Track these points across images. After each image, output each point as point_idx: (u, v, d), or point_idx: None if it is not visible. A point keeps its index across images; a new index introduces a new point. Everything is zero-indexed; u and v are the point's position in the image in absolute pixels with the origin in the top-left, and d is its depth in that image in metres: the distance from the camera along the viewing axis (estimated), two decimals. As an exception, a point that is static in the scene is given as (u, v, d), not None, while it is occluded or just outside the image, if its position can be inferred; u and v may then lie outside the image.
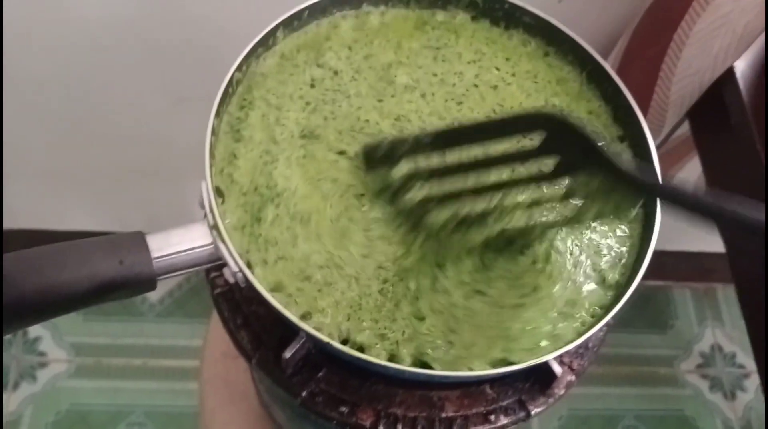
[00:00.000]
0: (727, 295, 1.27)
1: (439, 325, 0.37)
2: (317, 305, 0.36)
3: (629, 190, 0.35)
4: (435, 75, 0.44)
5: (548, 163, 0.37)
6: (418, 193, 0.37)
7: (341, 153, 0.41)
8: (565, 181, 0.37)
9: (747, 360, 1.22)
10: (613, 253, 0.40)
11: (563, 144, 0.35)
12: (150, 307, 1.15)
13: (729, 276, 0.63)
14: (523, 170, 0.38)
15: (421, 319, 0.37)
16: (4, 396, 1.05)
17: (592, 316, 0.38)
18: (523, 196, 0.37)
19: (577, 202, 0.38)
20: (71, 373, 1.09)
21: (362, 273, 0.38)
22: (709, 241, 0.95)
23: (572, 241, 0.40)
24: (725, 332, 1.25)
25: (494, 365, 0.36)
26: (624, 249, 0.40)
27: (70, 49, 0.75)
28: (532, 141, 0.37)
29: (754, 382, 1.20)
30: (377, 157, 0.37)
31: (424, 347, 0.36)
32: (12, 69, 0.76)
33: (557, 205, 0.38)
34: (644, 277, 0.37)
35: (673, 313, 1.26)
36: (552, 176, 0.37)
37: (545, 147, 0.36)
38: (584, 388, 1.16)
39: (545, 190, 0.38)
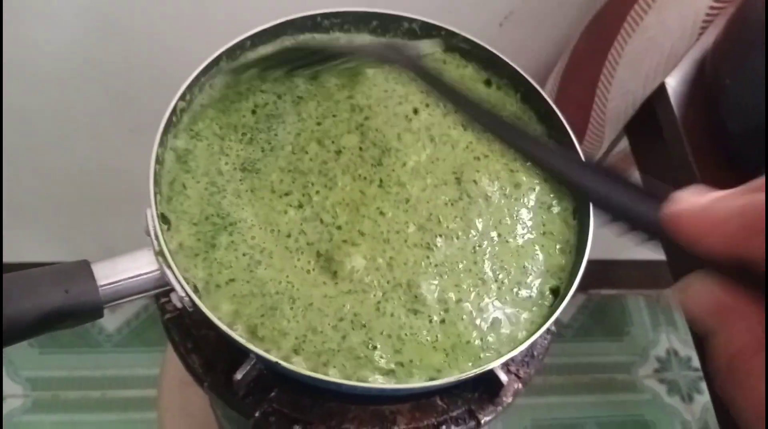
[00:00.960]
0: (678, 300, 1.31)
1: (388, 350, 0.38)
2: (258, 332, 0.37)
3: None
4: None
5: None
6: None
7: (287, 194, 0.42)
8: None
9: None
10: (549, 263, 0.42)
11: None
12: (107, 338, 1.13)
13: (678, 282, 0.66)
14: None
15: (373, 348, 0.38)
16: (-43, 436, 1.02)
17: (531, 323, 0.40)
18: None
19: None
20: (27, 408, 1.06)
21: (319, 308, 0.39)
22: (659, 250, 0.99)
23: (508, 252, 0.41)
24: (679, 336, 1.29)
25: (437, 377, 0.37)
26: (562, 261, 0.42)
27: (22, 80, 0.74)
28: None
29: (708, 384, 1.24)
30: None
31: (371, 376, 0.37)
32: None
33: None
34: (598, 286, 0.39)
35: (628, 320, 1.30)
36: None
37: None
38: (545, 398, 1.18)
39: None
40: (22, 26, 0.68)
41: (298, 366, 0.36)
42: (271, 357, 0.35)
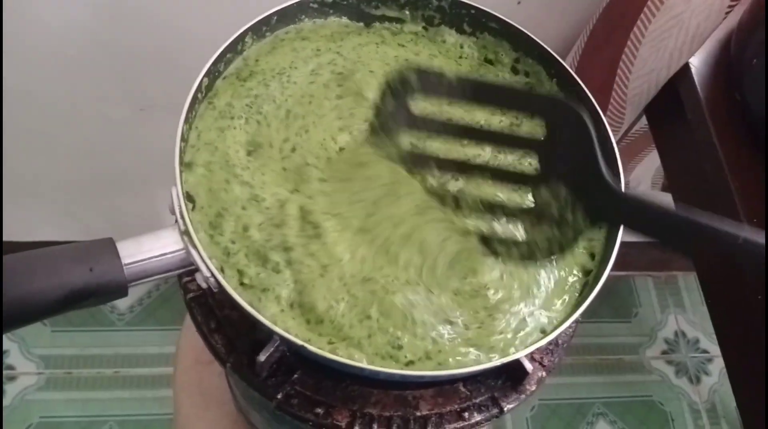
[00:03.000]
0: (687, 282, 1.31)
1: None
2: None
3: (593, 214, 0.36)
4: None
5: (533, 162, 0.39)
6: (423, 142, 0.39)
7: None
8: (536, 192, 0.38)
9: (710, 345, 1.26)
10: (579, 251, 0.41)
11: (558, 142, 0.36)
12: (119, 316, 1.14)
13: (688, 264, 0.66)
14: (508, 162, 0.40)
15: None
16: (-30, 411, 1.03)
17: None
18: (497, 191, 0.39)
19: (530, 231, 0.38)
20: (41, 386, 1.07)
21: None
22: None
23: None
24: (687, 318, 1.29)
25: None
26: (592, 244, 0.41)
27: (30, 59, 0.73)
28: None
29: (717, 365, 1.24)
30: (399, 88, 0.37)
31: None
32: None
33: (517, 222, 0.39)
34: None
35: (637, 301, 1.30)
36: (530, 181, 0.38)
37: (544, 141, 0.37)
38: (553, 378, 1.18)
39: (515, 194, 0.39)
40: (31, 6, 0.67)
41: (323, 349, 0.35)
42: (297, 340, 0.34)
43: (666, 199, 0.71)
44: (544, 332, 0.38)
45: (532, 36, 0.45)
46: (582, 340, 1.23)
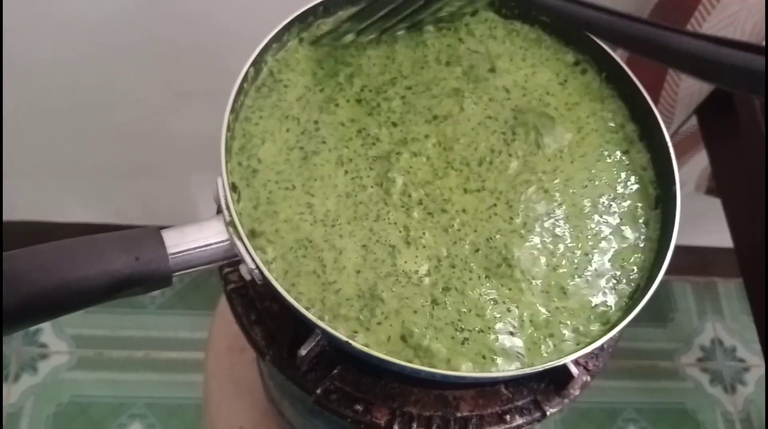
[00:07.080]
0: (727, 289, 1.28)
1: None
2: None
3: None
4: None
5: None
6: None
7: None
8: None
9: (747, 354, 1.23)
10: (632, 255, 0.40)
11: None
12: (151, 300, 1.15)
13: (729, 270, 0.64)
14: None
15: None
16: (5, 388, 1.05)
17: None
18: None
19: None
20: (72, 365, 1.09)
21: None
22: (710, 236, 0.95)
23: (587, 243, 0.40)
24: (725, 326, 1.26)
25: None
26: (641, 252, 0.40)
27: (71, 45, 0.74)
28: None
29: (754, 375, 1.21)
30: None
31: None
32: (14, 66, 0.75)
33: None
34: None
35: (674, 306, 1.27)
36: None
37: None
38: (585, 381, 1.17)
39: None
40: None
41: (370, 346, 0.35)
42: (341, 336, 0.34)
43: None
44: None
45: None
46: (616, 344, 1.21)
